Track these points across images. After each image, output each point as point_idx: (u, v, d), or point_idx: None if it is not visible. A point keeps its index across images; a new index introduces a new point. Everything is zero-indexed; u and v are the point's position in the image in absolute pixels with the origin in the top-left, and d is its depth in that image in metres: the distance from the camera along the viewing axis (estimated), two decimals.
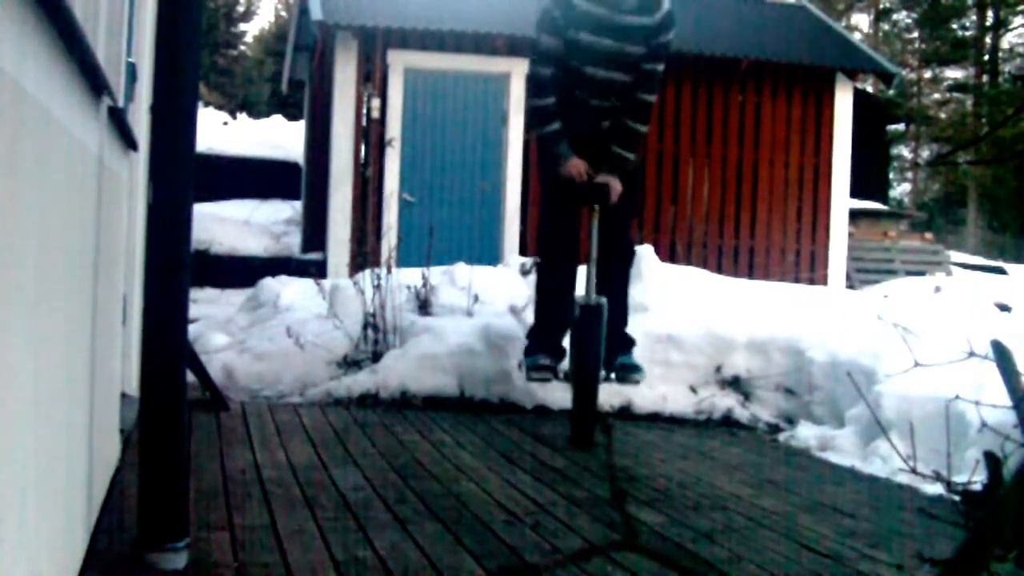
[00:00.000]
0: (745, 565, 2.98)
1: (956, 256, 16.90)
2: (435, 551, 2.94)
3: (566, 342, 5.14)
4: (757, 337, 6.00)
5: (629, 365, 5.09)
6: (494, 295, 6.61)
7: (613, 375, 5.08)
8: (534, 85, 4.94)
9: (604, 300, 4.84)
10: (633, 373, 5.09)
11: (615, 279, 5.04)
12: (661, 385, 5.84)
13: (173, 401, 2.74)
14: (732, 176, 11.59)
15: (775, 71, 11.57)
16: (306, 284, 7.24)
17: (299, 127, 17.50)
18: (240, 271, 10.95)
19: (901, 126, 32.29)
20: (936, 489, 3.89)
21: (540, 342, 5.14)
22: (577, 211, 5.02)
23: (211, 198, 13.63)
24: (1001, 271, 16.53)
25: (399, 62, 10.75)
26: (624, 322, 5.17)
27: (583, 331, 4.81)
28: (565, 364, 5.18)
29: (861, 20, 36.93)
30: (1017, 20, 33.17)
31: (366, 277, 6.36)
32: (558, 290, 5.03)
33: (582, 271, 5.02)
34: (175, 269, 2.73)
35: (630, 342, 5.22)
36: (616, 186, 4.84)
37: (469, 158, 10.95)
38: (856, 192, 12.91)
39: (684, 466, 4.50)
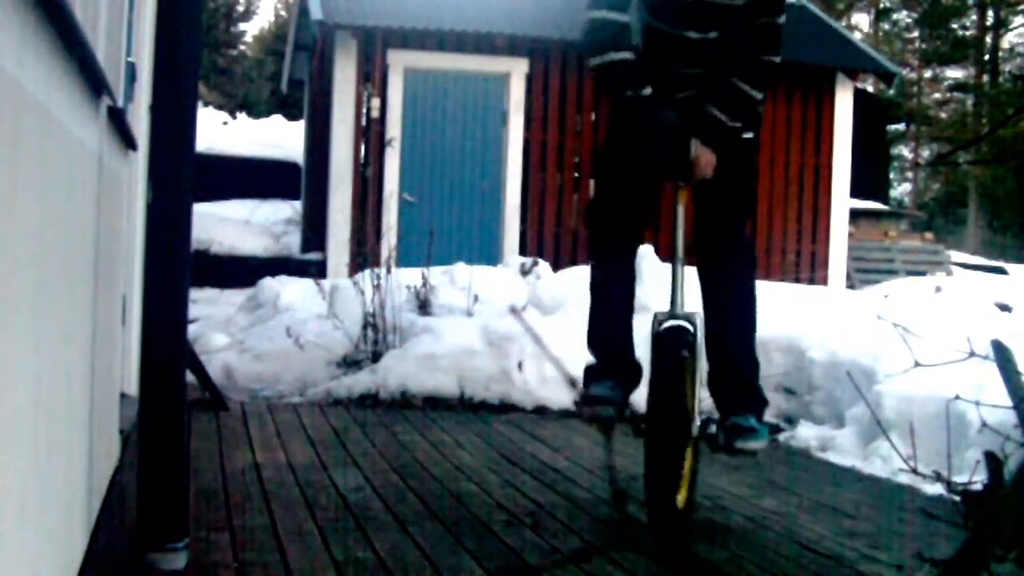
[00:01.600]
0: (745, 565, 2.98)
1: (956, 256, 16.89)
2: (435, 551, 2.94)
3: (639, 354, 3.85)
4: (757, 337, 5.99)
5: (745, 427, 3.52)
6: (494, 295, 6.61)
7: (720, 434, 3.54)
8: (606, 35, 3.49)
9: (696, 316, 3.65)
10: (748, 439, 3.50)
11: (725, 289, 3.79)
12: None
13: (173, 401, 2.74)
14: None
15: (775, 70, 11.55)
16: (306, 284, 7.24)
17: (299, 127, 17.50)
18: (240, 271, 10.94)
19: (901, 126, 32.28)
20: (936, 489, 3.89)
21: (602, 360, 3.80)
22: (647, 181, 3.72)
23: (211, 198, 13.62)
24: (1002, 271, 16.51)
25: (399, 62, 10.74)
26: (747, 361, 3.74)
27: (654, 368, 3.51)
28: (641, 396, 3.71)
29: (861, 20, 36.92)
30: (1017, 20, 33.19)
31: (366, 277, 6.36)
32: (615, 284, 3.85)
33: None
34: (175, 269, 2.73)
35: (755, 398, 3.65)
36: (706, 157, 3.54)
37: (469, 158, 10.95)
38: (856, 192, 12.90)
39: None
